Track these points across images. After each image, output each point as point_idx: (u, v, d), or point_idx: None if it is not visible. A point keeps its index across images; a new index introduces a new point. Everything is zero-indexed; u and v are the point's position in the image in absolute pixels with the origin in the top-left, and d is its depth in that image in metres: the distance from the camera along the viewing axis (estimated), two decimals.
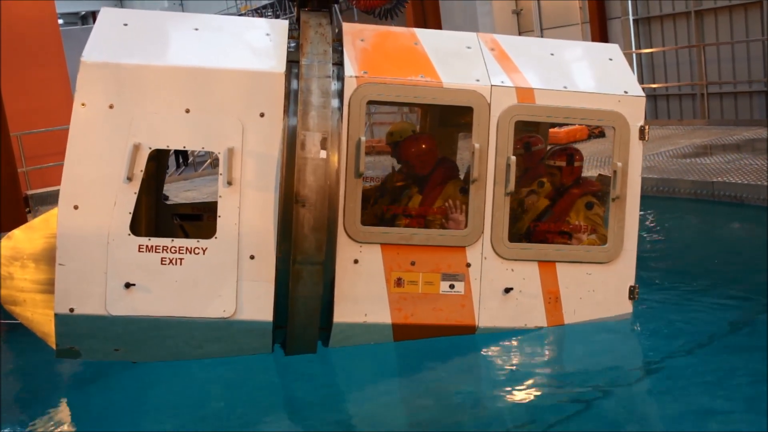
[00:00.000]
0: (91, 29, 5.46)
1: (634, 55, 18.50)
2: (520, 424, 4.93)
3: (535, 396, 5.28)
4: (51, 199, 13.05)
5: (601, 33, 19.08)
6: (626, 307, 5.67)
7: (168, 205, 6.69)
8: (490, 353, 5.54)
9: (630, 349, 5.81)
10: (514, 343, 5.55)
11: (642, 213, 5.67)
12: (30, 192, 13.22)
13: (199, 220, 6.60)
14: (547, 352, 5.58)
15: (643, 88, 17.35)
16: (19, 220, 11.02)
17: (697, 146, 12.97)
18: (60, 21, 19.69)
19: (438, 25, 16.90)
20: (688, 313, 6.38)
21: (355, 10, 21.25)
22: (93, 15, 30.78)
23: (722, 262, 7.96)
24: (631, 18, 18.71)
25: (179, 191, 13.03)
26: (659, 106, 18.68)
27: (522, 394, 5.25)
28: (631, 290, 5.64)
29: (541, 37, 21.28)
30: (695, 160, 11.63)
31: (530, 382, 5.41)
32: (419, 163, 5.95)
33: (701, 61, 16.20)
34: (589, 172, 10.93)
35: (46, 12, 15.89)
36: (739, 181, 9.76)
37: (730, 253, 8.34)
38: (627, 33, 18.77)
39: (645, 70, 18.71)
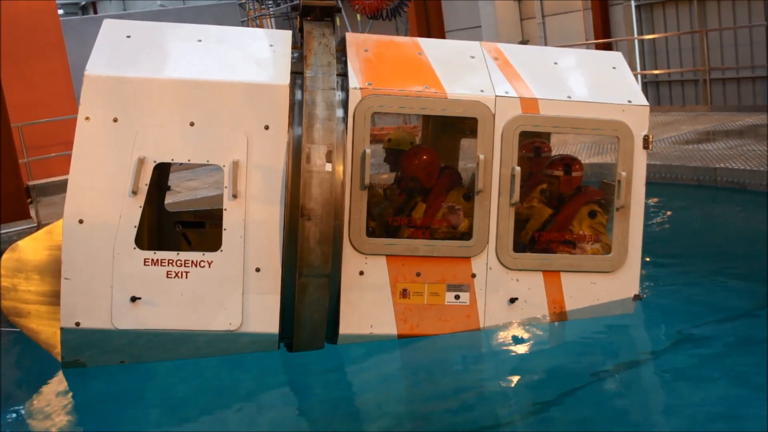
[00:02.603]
0: (91, 19, 5.46)
1: (636, 41, 18.42)
2: (519, 410, 5.00)
3: (535, 382, 5.33)
4: (52, 190, 13.05)
5: (603, 19, 19.00)
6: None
7: (170, 213, 6.69)
8: (492, 338, 5.56)
9: (632, 336, 5.83)
10: (518, 327, 5.58)
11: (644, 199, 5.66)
12: (31, 183, 13.21)
13: (201, 227, 6.61)
14: (549, 339, 5.61)
15: (645, 75, 17.09)
16: (21, 211, 11.04)
17: (700, 132, 12.93)
18: (60, 11, 19.63)
19: (439, 14, 16.80)
20: (690, 299, 6.40)
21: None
22: (93, 5, 30.69)
23: (724, 248, 7.96)
24: (633, 4, 18.60)
25: (181, 181, 13.02)
26: (661, 92, 18.61)
27: (523, 381, 5.31)
28: (635, 298, 5.66)
29: (542, 23, 21.20)
30: (697, 146, 11.60)
31: (531, 368, 5.47)
32: (424, 176, 5.93)
33: (704, 46, 16.11)
34: (591, 158, 10.92)
35: (46, 3, 15.84)
36: (742, 167, 9.74)
37: (733, 239, 8.33)
38: (629, 19, 18.67)
39: (647, 56, 18.62)
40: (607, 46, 18.56)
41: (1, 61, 12.10)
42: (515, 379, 5.39)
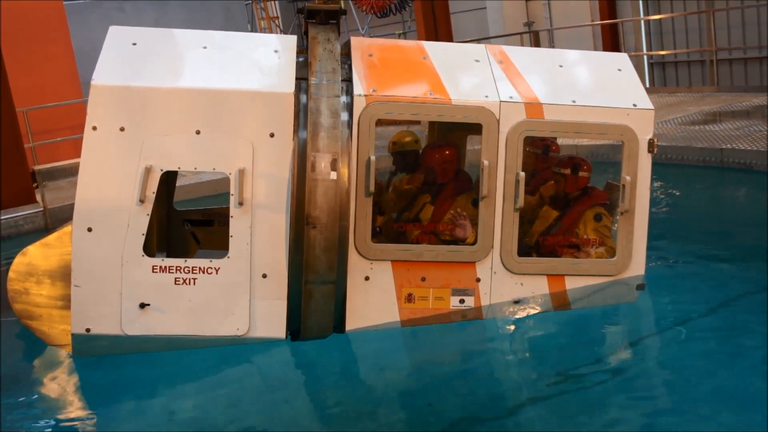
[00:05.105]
0: (94, 3, 5.45)
1: (642, 22, 18.32)
2: (524, 393, 5.07)
3: (536, 368, 5.40)
4: (58, 174, 13.10)
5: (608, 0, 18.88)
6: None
7: (178, 212, 6.75)
8: (496, 325, 5.60)
9: (637, 317, 5.85)
10: (519, 314, 5.61)
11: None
12: (37, 167, 13.23)
13: (210, 226, 6.68)
14: (553, 324, 5.63)
15: (652, 56, 16.99)
16: (27, 196, 11.08)
17: (706, 113, 12.90)
18: None
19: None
20: (696, 279, 6.41)
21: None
22: None
23: (730, 229, 7.97)
24: None
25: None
26: (668, 73, 18.53)
27: (521, 368, 5.40)
28: (638, 287, 5.68)
29: (548, 4, 21.07)
30: (704, 127, 11.58)
31: (532, 353, 5.56)
32: (440, 170, 5.93)
33: (710, 27, 16.01)
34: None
35: None
36: (748, 148, 9.72)
37: (739, 220, 8.34)
38: None
39: (654, 37, 18.52)
40: (613, 27, 18.47)
41: (5, 45, 12.08)
42: (518, 363, 5.48)
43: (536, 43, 18.49)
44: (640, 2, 18.50)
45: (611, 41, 18.33)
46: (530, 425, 4.66)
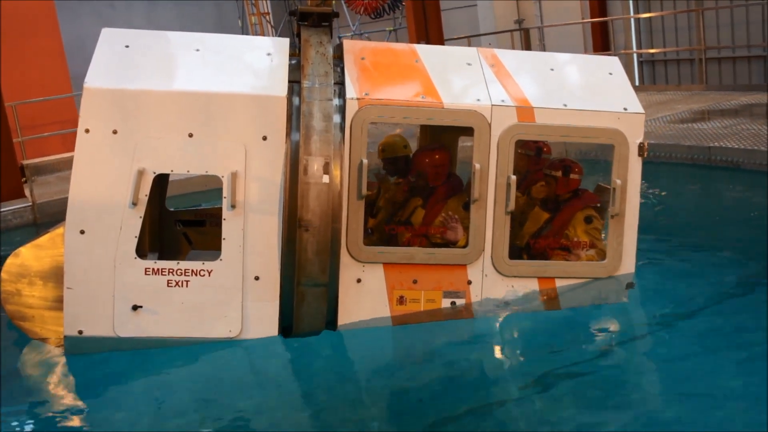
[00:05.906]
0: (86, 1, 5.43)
1: (632, 20, 18.36)
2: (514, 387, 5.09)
3: (530, 362, 5.40)
4: (46, 169, 13.06)
5: None
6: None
7: (170, 212, 6.77)
8: (486, 322, 5.62)
9: (626, 314, 5.87)
10: (511, 309, 5.63)
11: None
12: (26, 162, 13.19)
13: (201, 226, 6.71)
14: (540, 322, 5.65)
15: (641, 54, 16.95)
16: (16, 190, 11.03)
17: (695, 111, 12.93)
18: None
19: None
20: (684, 278, 6.44)
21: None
22: None
23: (718, 227, 8.00)
24: None
25: None
26: (657, 71, 18.58)
27: (512, 366, 5.42)
28: (628, 286, 5.72)
29: (539, 2, 21.08)
30: (692, 125, 11.61)
31: (522, 351, 5.58)
32: (432, 173, 5.95)
33: (700, 25, 16.06)
34: None
35: None
36: (736, 146, 9.76)
37: (727, 218, 8.37)
38: None
39: (643, 35, 18.56)
40: (603, 25, 18.52)
41: None
42: (509, 361, 5.49)
43: (527, 41, 18.51)
44: (630, 1, 18.54)
45: (601, 39, 18.37)
46: (521, 422, 4.69)
